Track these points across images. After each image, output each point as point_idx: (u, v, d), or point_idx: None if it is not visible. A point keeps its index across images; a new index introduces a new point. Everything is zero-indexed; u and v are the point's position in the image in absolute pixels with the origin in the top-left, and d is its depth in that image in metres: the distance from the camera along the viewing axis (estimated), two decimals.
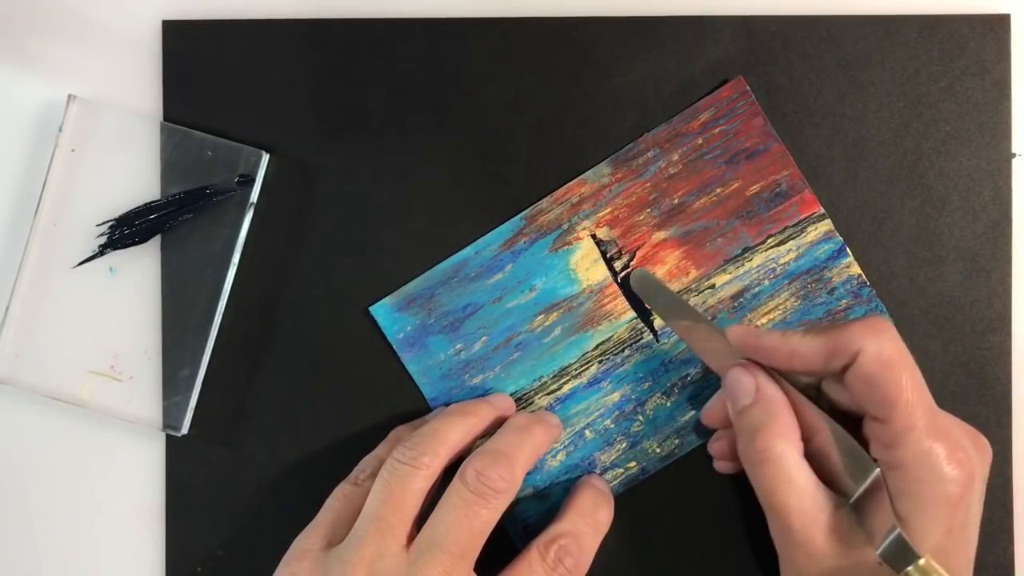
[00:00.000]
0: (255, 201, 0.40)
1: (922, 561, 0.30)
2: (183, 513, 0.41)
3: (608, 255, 0.40)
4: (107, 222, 0.40)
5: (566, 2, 0.40)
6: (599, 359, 0.40)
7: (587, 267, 0.40)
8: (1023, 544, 0.40)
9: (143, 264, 0.40)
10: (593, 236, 0.40)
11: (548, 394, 0.40)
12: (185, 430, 0.40)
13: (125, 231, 0.40)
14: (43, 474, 0.41)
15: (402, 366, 0.40)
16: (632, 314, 0.40)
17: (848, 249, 0.39)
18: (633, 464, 0.40)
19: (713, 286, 0.40)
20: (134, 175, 0.40)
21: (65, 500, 0.41)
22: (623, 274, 0.40)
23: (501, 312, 0.40)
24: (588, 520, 0.37)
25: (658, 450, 0.40)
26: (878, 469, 0.32)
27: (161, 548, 0.41)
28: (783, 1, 0.40)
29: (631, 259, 0.40)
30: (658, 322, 0.40)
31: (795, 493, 0.33)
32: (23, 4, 0.41)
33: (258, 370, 0.40)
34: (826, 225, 0.39)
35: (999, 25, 0.39)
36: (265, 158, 0.40)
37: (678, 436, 0.40)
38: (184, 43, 0.40)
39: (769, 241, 0.39)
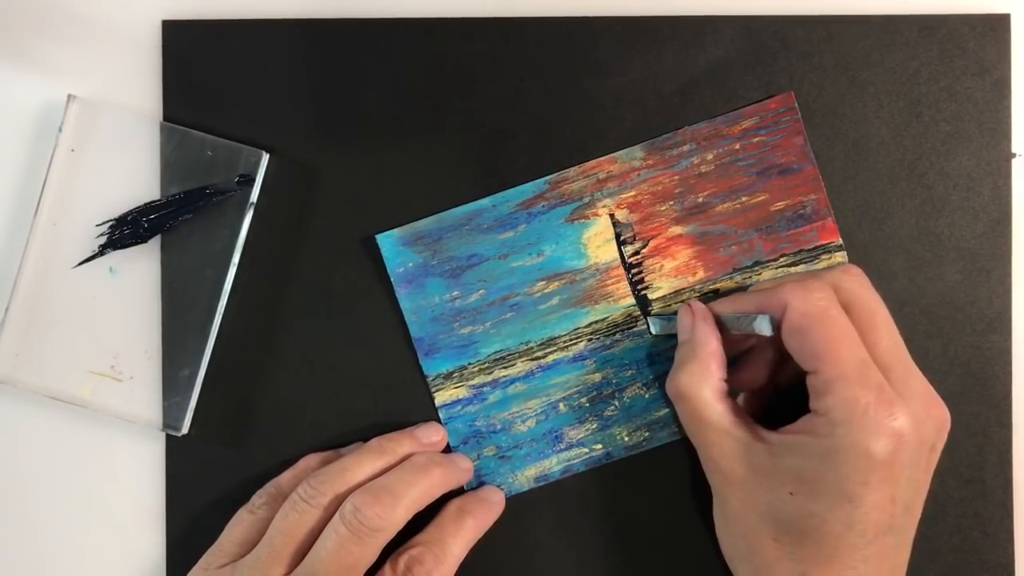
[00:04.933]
0: (255, 201, 0.40)
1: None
2: (183, 513, 0.41)
3: (622, 237, 0.40)
4: (107, 222, 0.40)
5: (566, 2, 0.40)
6: (589, 336, 0.40)
7: (598, 244, 0.40)
8: None
9: (143, 264, 0.40)
10: (612, 216, 0.40)
11: (531, 359, 0.40)
12: (185, 430, 0.40)
13: (125, 231, 0.40)
14: (43, 474, 0.41)
15: (404, 362, 0.40)
16: (632, 300, 0.40)
17: None
18: (599, 447, 0.40)
19: (716, 291, 0.40)
20: (134, 175, 0.40)
21: (65, 500, 0.41)
22: (631, 259, 0.40)
23: (504, 269, 0.40)
24: (449, 528, 0.37)
25: (627, 439, 0.40)
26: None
27: (161, 548, 0.41)
28: (783, 1, 0.40)
29: (643, 246, 0.40)
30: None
31: (710, 429, 0.35)
32: (23, 4, 0.41)
33: (258, 370, 0.40)
34: (841, 257, 0.39)
35: (999, 25, 0.39)
36: (265, 158, 0.40)
37: (648, 430, 0.40)
38: (184, 43, 0.40)
39: (781, 260, 0.39)
